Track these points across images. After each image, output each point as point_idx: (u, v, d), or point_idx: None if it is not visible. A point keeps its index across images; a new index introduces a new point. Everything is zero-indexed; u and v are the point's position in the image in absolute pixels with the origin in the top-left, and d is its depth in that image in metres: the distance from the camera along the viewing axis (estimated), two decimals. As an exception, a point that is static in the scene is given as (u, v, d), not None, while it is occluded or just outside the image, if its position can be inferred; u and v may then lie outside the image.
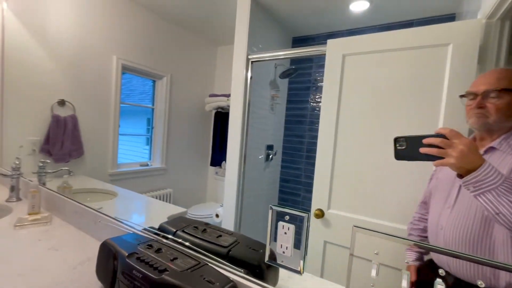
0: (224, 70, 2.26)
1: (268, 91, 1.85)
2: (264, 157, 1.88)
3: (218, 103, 2.23)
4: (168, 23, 1.68)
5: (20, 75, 1.61)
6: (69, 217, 1.10)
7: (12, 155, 1.65)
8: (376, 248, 0.49)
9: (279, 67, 1.94)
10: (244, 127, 1.52)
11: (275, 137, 1.86)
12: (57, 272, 0.74)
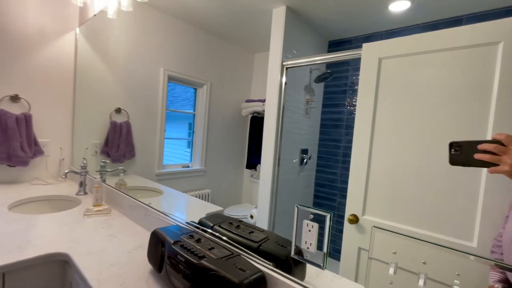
0: (260, 76, 2.34)
1: (303, 96, 1.86)
2: (298, 161, 1.90)
3: (254, 108, 2.32)
4: (208, 35, 1.82)
5: (87, 87, 1.89)
6: (125, 209, 1.27)
7: (79, 156, 1.94)
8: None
9: (314, 71, 1.95)
10: (278, 131, 1.57)
11: (310, 141, 1.86)
12: (117, 254, 0.88)
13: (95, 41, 1.88)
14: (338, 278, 0.78)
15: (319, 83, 1.89)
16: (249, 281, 0.59)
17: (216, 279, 0.60)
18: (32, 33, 1.74)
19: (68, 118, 1.96)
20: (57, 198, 1.56)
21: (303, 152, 1.75)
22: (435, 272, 0.59)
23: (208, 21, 1.83)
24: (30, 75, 1.75)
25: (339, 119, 1.60)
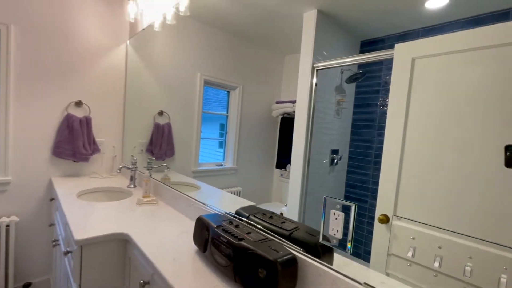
0: (290, 77, 2.40)
1: (334, 96, 1.89)
2: (328, 161, 1.93)
3: (284, 109, 2.39)
4: (240, 40, 1.93)
5: (135, 93, 2.13)
6: (170, 201, 1.44)
7: (128, 153, 2.19)
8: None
9: (345, 72, 1.97)
10: (308, 132, 1.63)
11: (340, 142, 1.87)
12: (167, 236, 1.03)
13: (141, 52, 2.11)
14: (364, 269, 0.84)
15: (351, 84, 1.91)
16: (282, 260, 0.68)
17: (254, 257, 0.71)
18: (92, 47, 2.01)
19: (120, 120, 2.22)
20: (112, 190, 1.80)
21: (334, 153, 1.78)
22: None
23: (240, 27, 1.92)
24: (90, 83, 2.03)
25: (371, 119, 1.61)
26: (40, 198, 1.87)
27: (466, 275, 0.60)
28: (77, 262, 0.99)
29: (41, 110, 1.83)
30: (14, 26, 1.68)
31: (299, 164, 1.51)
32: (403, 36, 1.62)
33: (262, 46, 1.90)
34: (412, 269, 0.65)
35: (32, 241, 1.87)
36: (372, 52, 1.68)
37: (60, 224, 1.44)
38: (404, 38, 1.12)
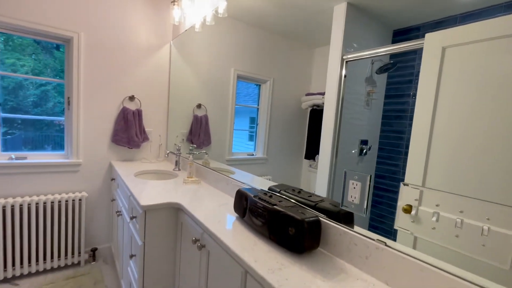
0: (320, 70, 2.44)
1: (364, 87, 1.92)
2: (357, 152, 1.98)
3: (313, 101, 2.47)
4: (271, 35, 2.02)
5: (177, 88, 2.38)
6: (210, 181, 1.65)
7: (172, 142, 2.47)
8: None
9: (376, 62, 1.99)
10: (337, 123, 1.71)
11: (370, 132, 1.89)
12: (211, 206, 1.24)
13: (183, 50, 2.35)
14: (383, 245, 0.96)
15: (381, 74, 1.94)
16: (309, 220, 0.84)
17: (285, 218, 0.87)
18: (142, 48, 2.30)
19: (164, 112, 2.50)
20: (161, 172, 2.08)
21: (363, 143, 1.85)
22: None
23: (271, 22, 1.97)
24: (140, 80, 2.33)
25: (403, 110, 1.63)
26: (103, 178, 2.22)
27: (484, 234, 0.67)
28: (142, 224, 1.24)
29: (103, 104, 2.17)
30: (83, 34, 2.01)
31: (327, 154, 1.61)
32: (439, 23, 1.62)
33: (293, 39, 1.88)
34: (435, 231, 0.72)
35: (97, 213, 2.23)
36: (402, 42, 1.68)
37: (122, 198, 1.74)
38: (440, 25, 1.07)
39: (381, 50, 1.36)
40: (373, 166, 1.44)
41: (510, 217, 0.79)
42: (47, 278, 1.94)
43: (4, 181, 1.87)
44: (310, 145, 2.40)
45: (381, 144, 1.43)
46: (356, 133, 1.48)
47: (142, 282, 1.26)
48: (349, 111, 1.44)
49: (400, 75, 1.48)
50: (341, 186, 1.80)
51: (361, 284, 0.71)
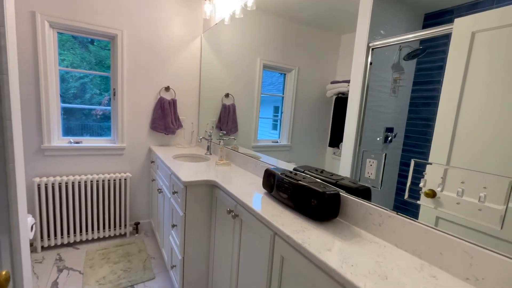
0: (346, 57, 2.40)
1: (390, 74, 1.91)
2: (382, 139, 2.02)
3: (338, 89, 2.48)
4: (297, 24, 2.02)
5: (207, 78, 2.55)
6: (240, 163, 1.82)
7: (203, 129, 2.67)
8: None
9: (404, 48, 1.97)
10: (361, 110, 1.75)
11: (396, 120, 1.89)
12: (242, 185, 1.40)
13: (212, 43, 2.50)
14: (394, 214, 1.06)
15: (409, 61, 1.93)
16: (330, 193, 0.96)
17: (308, 191, 1.01)
18: (176, 42, 2.49)
19: (196, 101, 2.70)
20: (194, 156, 2.29)
21: (388, 131, 1.87)
22: None
23: (297, 12, 1.88)
24: (174, 72, 2.53)
25: (432, 97, 1.58)
26: (143, 161, 2.49)
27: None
28: (183, 198, 1.44)
29: (142, 94, 2.41)
30: (125, 31, 2.23)
31: (351, 141, 1.67)
32: (473, 6, 1.56)
33: (319, 27, 1.84)
34: (459, 206, 0.75)
35: (140, 192, 2.52)
36: (431, 28, 1.60)
37: (162, 177, 1.97)
38: (475, 7, 1.00)
39: (408, 37, 1.29)
40: (399, 154, 1.40)
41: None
42: (100, 245, 2.27)
43: (65, 161, 2.19)
44: (335, 133, 2.46)
45: (408, 132, 1.39)
46: (381, 120, 1.46)
47: (183, 246, 1.48)
48: (374, 98, 1.43)
49: (430, 61, 1.41)
50: (364, 173, 1.72)
51: (373, 245, 0.84)
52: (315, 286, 0.77)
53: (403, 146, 1.36)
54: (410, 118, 1.35)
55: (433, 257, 0.74)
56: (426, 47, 1.32)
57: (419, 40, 1.34)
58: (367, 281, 0.64)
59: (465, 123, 0.96)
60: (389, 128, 1.45)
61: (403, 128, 1.36)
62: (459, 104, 1.04)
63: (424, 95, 1.36)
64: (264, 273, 1.01)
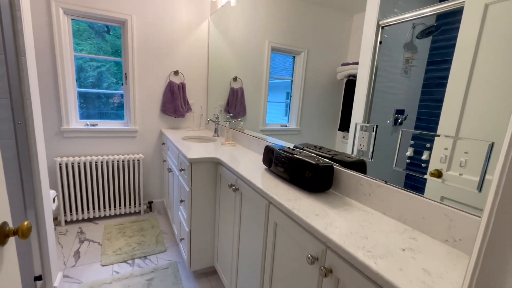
0: (359, 38, 2.35)
1: (402, 54, 1.85)
2: (392, 122, 1.99)
3: (349, 71, 2.43)
4: (306, 3, 1.98)
5: (215, 62, 2.59)
6: (244, 143, 1.88)
7: (211, 112, 2.74)
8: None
9: (418, 26, 1.88)
10: (370, 91, 1.73)
11: (407, 101, 1.82)
12: (244, 162, 1.46)
13: (220, 26, 2.51)
14: (383, 183, 1.08)
15: (423, 39, 1.85)
16: (323, 165, 1.00)
17: (303, 164, 1.05)
18: (184, 26, 2.53)
19: (204, 85, 2.76)
20: (202, 137, 2.37)
21: (398, 113, 1.84)
22: None
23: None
24: (183, 56, 2.58)
25: (446, 77, 1.54)
26: (155, 143, 2.61)
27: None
28: (189, 174, 1.53)
29: (152, 78, 2.49)
30: (135, 16, 2.29)
31: (358, 123, 1.69)
32: None
33: (329, 7, 1.76)
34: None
35: (152, 172, 2.66)
36: (442, 2, 1.52)
37: (172, 157, 2.07)
38: None
39: (415, 14, 1.22)
40: (409, 136, 1.33)
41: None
42: (117, 221, 2.43)
43: (83, 143, 2.33)
44: (345, 117, 2.44)
45: (420, 114, 1.33)
46: (391, 101, 1.41)
47: (190, 219, 1.58)
48: (384, 79, 1.39)
49: (445, 38, 1.43)
50: (374, 161, 1.65)
51: (361, 213, 0.88)
52: (302, 247, 0.82)
53: (415, 129, 1.31)
54: (423, 99, 1.30)
55: (416, 222, 0.77)
56: (441, 23, 1.26)
57: (436, 14, 1.25)
58: (346, 239, 0.69)
59: (475, 99, 0.92)
60: (399, 110, 1.42)
61: (415, 110, 1.31)
62: (468, 81, 0.98)
63: (439, 75, 1.29)
64: (260, 239, 1.08)
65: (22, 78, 1.19)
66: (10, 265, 0.68)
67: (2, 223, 0.65)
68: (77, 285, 1.62)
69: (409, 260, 0.61)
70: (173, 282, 1.69)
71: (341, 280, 0.67)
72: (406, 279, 0.54)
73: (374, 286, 0.58)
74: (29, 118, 1.23)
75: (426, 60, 1.30)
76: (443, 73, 1.23)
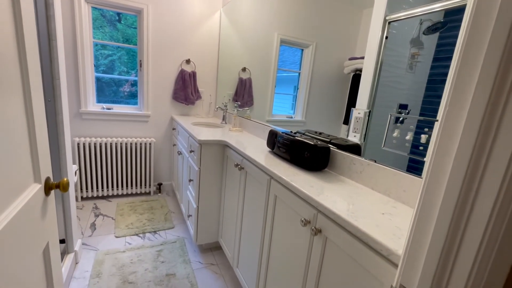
0: (367, 32, 2.40)
1: (408, 50, 1.90)
2: (394, 117, 2.10)
3: (356, 65, 2.49)
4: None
5: (225, 52, 2.68)
6: (250, 129, 1.99)
7: (220, 101, 2.85)
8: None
9: (425, 22, 1.92)
10: (374, 85, 1.80)
11: (411, 96, 1.88)
12: (250, 145, 1.58)
13: (231, 17, 2.60)
14: (373, 162, 1.18)
15: (430, 35, 1.90)
16: (320, 146, 1.11)
17: (302, 145, 1.16)
18: (196, 17, 2.63)
19: (214, 74, 2.87)
20: (211, 124, 2.49)
21: (401, 107, 1.91)
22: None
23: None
24: (195, 45, 2.69)
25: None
26: (166, 128, 2.75)
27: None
28: (198, 154, 1.65)
29: (165, 66, 2.61)
30: (150, 5, 2.40)
31: (360, 116, 1.78)
32: None
33: (339, 1, 1.76)
34: None
35: (162, 156, 2.80)
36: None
37: (182, 141, 2.20)
38: None
39: (423, 9, 1.20)
40: (413, 130, 1.32)
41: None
42: (128, 199, 2.60)
43: (99, 125, 2.48)
44: (350, 110, 2.51)
45: (423, 110, 1.33)
46: (394, 96, 1.42)
47: (198, 196, 1.71)
48: (389, 74, 1.39)
49: (452, 35, 1.30)
50: (374, 153, 1.72)
51: (352, 187, 0.98)
52: (297, 212, 0.94)
53: (418, 123, 1.31)
54: (427, 95, 1.29)
55: (399, 195, 0.88)
56: (448, 20, 1.24)
57: (444, 10, 1.22)
58: (335, 204, 0.80)
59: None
60: (403, 105, 1.42)
61: (418, 106, 1.31)
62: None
63: (444, 72, 1.28)
64: (261, 211, 1.20)
65: (53, 60, 1.32)
66: (52, 213, 0.81)
67: (46, 177, 0.78)
68: (94, 251, 1.78)
69: (386, 221, 0.72)
70: (180, 254, 1.83)
71: (328, 238, 0.79)
72: (380, 231, 0.65)
73: (354, 239, 0.69)
74: (58, 97, 1.37)
75: (432, 57, 1.29)
76: (447, 70, 1.22)
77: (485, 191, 0.36)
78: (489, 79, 0.35)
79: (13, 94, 0.59)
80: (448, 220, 0.39)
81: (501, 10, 0.34)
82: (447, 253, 0.40)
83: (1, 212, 0.54)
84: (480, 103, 0.36)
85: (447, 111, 0.42)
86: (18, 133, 0.62)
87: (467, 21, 0.39)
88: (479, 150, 0.36)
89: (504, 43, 0.34)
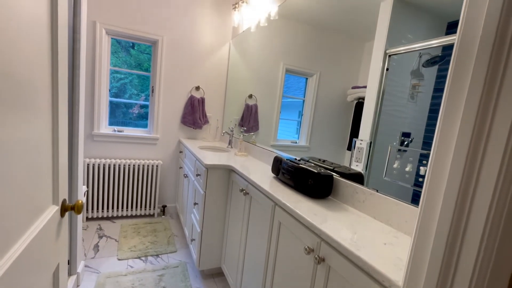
0: (369, 64, 2.51)
1: (409, 81, 1.98)
2: (398, 143, 2.11)
3: (359, 94, 2.58)
4: (320, 31, 2.03)
5: (233, 79, 2.82)
6: (256, 154, 2.04)
7: (226, 126, 2.93)
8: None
9: (424, 55, 2.03)
10: (377, 114, 1.86)
11: (414, 125, 1.92)
12: (255, 170, 1.62)
13: (239, 48, 2.76)
14: (375, 192, 1.20)
15: (430, 68, 2.00)
16: (324, 174, 1.14)
17: (306, 172, 1.19)
18: (207, 47, 2.80)
19: (222, 101, 2.98)
20: (217, 148, 2.56)
21: (404, 135, 1.96)
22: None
23: (320, 19, 1.92)
24: (204, 73, 2.84)
25: None
26: (173, 151, 2.82)
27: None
28: (204, 178, 1.69)
29: (176, 92, 2.74)
30: (165, 37, 2.59)
31: (364, 144, 1.83)
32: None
33: (342, 34, 1.85)
34: None
35: (168, 178, 2.84)
36: (448, 35, 1.65)
37: (188, 164, 2.25)
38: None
39: (421, 45, 1.27)
40: (417, 158, 1.35)
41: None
42: (132, 221, 2.60)
43: (109, 146, 2.57)
44: (354, 137, 2.57)
45: (426, 138, 1.37)
46: (397, 124, 1.45)
47: (202, 220, 1.72)
48: (391, 103, 1.43)
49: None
50: (378, 182, 1.73)
51: (354, 216, 1.00)
52: (301, 240, 0.95)
53: (421, 150, 1.33)
54: (430, 124, 1.32)
55: (400, 225, 0.89)
56: (446, 54, 1.28)
57: (442, 46, 1.28)
58: (337, 233, 0.82)
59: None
60: (405, 133, 1.45)
61: (421, 135, 1.34)
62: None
63: None
64: (265, 237, 1.21)
65: (74, 87, 1.43)
66: (64, 234, 0.85)
67: (63, 199, 0.83)
68: (96, 274, 1.77)
69: (388, 251, 0.74)
70: (182, 279, 1.81)
71: (331, 267, 0.80)
72: (382, 262, 0.67)
73: (356, 268, 0.70)
74: (76, 121, 1.46)
75: (433, 87, 1.32)
76: (449, 101, 1.32)
77: (474, 222, 0.39)
78: (471, 116, 0.40)
79: (42, 119, 0.65)
80: (442, 249, 0.42)
81: (480, 49, 0.40)
82: (443, 280, 0.42)
83: (24, 233, 0.58)
84: (466, 135, 0.41)
85: (436, 146, 0.46)
86: (44, 155, 0.67)
87: (450, 71, 0.44)
88: (467, 180, 0.40)
89: (483, 83, 0.39)
